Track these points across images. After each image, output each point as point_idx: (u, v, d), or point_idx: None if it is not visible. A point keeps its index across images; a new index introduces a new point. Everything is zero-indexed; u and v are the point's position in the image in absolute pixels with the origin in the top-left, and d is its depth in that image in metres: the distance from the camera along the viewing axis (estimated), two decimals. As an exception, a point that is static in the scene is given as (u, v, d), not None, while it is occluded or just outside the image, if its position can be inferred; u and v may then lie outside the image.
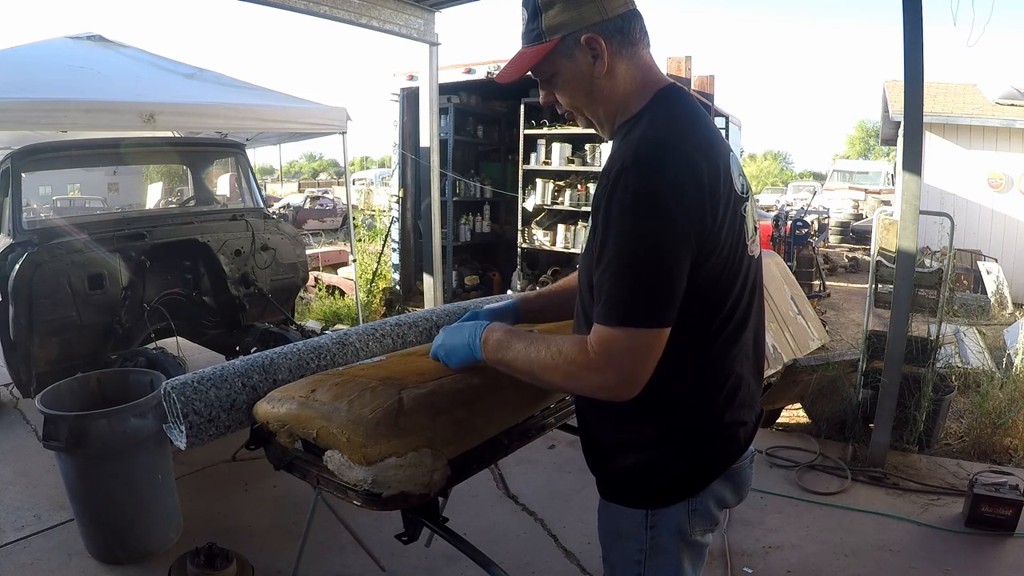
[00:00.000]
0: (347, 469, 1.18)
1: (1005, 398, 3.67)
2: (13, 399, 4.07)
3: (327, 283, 7.09)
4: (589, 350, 1.02)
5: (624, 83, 1.12)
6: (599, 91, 1.12)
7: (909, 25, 2.98)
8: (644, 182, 0.98)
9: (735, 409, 1.18)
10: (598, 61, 1.10)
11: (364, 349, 1.72)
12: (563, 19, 1.09)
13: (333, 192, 22.34)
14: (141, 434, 2.45)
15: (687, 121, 1.09)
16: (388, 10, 4.66)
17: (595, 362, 1.01)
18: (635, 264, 0.99)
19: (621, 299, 0.99)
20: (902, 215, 3.21)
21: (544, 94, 1.20)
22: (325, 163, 56.06)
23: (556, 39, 1.10)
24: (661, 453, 1.15)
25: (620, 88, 1.13)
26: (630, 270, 0.99)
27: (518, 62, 1.15)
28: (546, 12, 1.10)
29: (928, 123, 7.73)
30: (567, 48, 1.10)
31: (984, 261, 8.10)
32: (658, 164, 1.00)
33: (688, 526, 1.18)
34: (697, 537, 1.20)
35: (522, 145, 6.36)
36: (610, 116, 1.15)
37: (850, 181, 18.01)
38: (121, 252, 3.52)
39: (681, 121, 1.09)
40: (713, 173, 1.03)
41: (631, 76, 1.13)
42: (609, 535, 1.25)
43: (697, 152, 1.03)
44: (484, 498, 3.00)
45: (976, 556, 2.61)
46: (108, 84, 4.00)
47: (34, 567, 2.49)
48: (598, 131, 1.20)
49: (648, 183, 0.98)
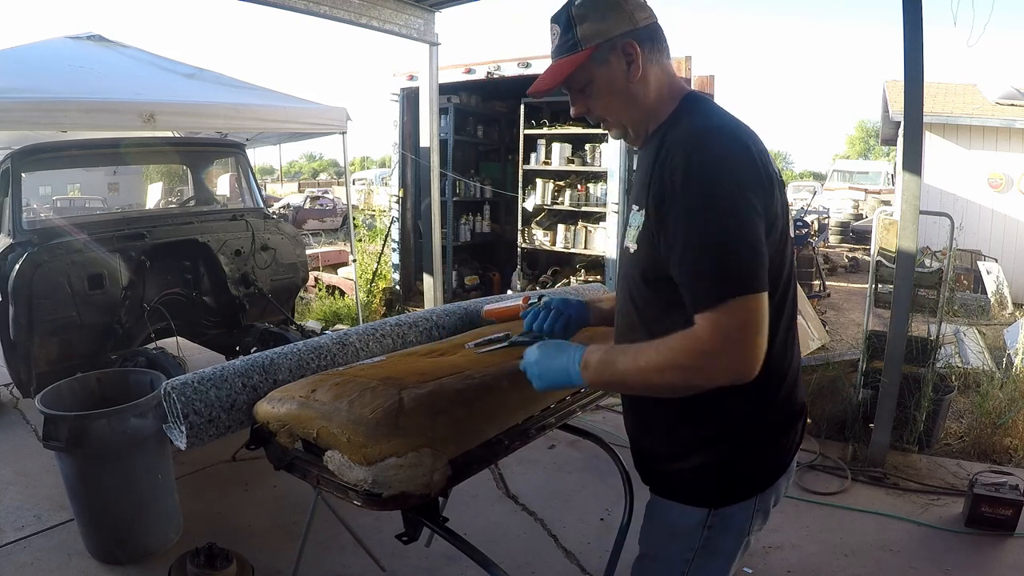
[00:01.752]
0: (347, 469, 1.19)
1: (1005, 398, 3.67)
2: (13, 399, 4.07)
3: (327, 283, 7.08)
4: (703, 336, 0.99)
5: (655, 89, 1.16)
6: (633, 97, 1.16)
7: (909, 25, 2.98)
8: (714, 163, 1.02)
9: (799, 394, 1.19)
10: (632, 66, 1.14)
11: (364, 349, 1.72)
12: (597, 28, 1.13)
13: (333, 192, 22.33)
14: (141, 434, 2.45)
15: (725, 114, 1.15)
16: (388, 10, 4.65)
17: (714, 345, 0.98)
18: (723, 237, 1.00)
19: (718, 274, 0.99)
20: (902, 215, 3.21)
21: (578, 105, 1.21)
22: (325, 163, 56.07)
23: (592, 47, 1.14)
24: (734, 447, 1.14)
25: (652, 93, 1.16)
26: (719, 244, 1.00)
27: (555, 72, 1.17)
28: (580, 24, 1.14)
29: (928, 123, 7.72)
30: (602, 55, 1.14)
31: (984, 261, 8.09)
32: (721, 146, 1.05)
33: (750, 524, 1.17)
34: (752, 536, 1.20)
35: (522, 145, 6.35)
36: (644, 121, 1.18)
37: (850, 181, 18.00)
38: (121, 252, 3.52)
39: (721, 114, 1.14)
40: (763, 154, 1.08)
41: (660, 82, 1.17)
42: (659, 534, 1.23)
43: (746, 136, 1.09)
44: (484, 498, 3.00)
45: (976, 556, 2.61)
46: (108, 84, 3.99)
47: (34, 567, 2.49)
48: (628, 139, 1.23)
49: (717, 163, 1.02)
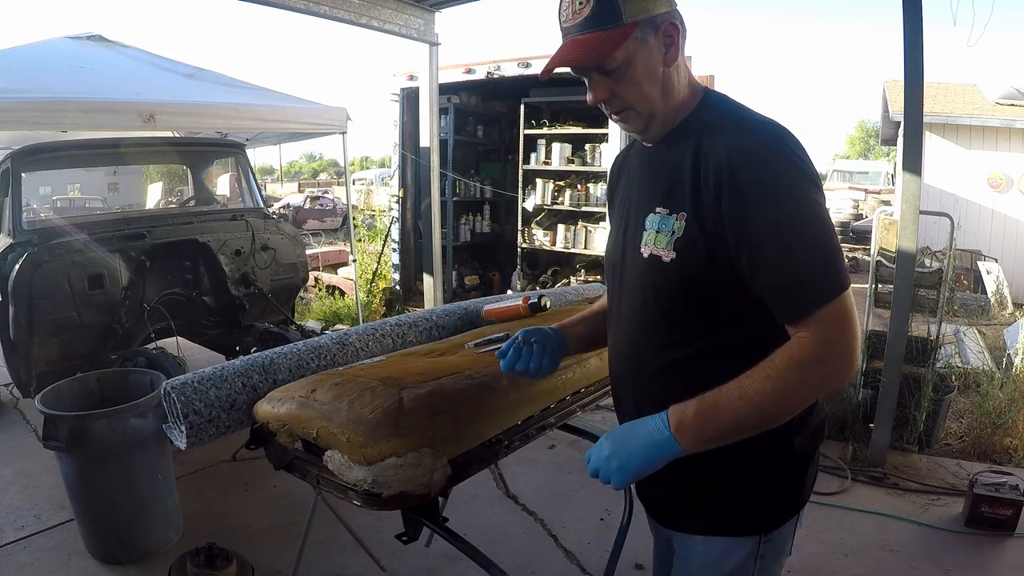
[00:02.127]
0: (347, 469, 1.18)
1: (1005, 398, 3.67)
2: (13, 399, 4.07)
3: (327, 283, 7.08)
4: (822, 341, 0.92)
5: (684, 77, 1.07)
6: (669, 84, 1.04)
7: (909, 25, 2.97)
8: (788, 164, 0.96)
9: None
10: (671, 50, 1.03)
11: (364, 349, 1.72)
12: (642, 3, 1.00)
13: (333, 192, 22.33)
14: (141, 434, 2.45)
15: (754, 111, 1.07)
16: (388, 10, 4.65)
17: (834, 349, 0.92)
18: (820, 240, 0.94)
19: (823, 277, 0.93)
20: (902, 215, 3.20)
21: (600, 89, 1.05)
22: (325, 163, 56.07)
23: (636, 21, 1.00)
24: (779, 462, 1.06)
25: (683, 82, 1.07)
26: (819, 248, 0.94)
27: (592, 46, 1.00)
28: None
29: (928, 123, 7.72)
30: (644, 33, 1.01)
31: (984, 261, 8.09)
32: (783, 144, 0.98)
33: (792, 541, 1.10)
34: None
35: (522, 145, 6.35)
36: (671, 111, 1.07)
37: (850, 181, 18.00)
38: (121, 252, 3.52)
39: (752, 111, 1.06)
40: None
41: (686, 71, 1.08)
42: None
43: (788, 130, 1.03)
44: (484, 498, 3.00)
45: (976, 556, 2.61)
46: (108, 84, 4.00)
47: (34, 567, 2.49)
48: (647, 132, 1.10)
49: (790, 164, 0.96)
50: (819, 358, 0.92)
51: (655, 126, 1.08)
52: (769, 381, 0.93)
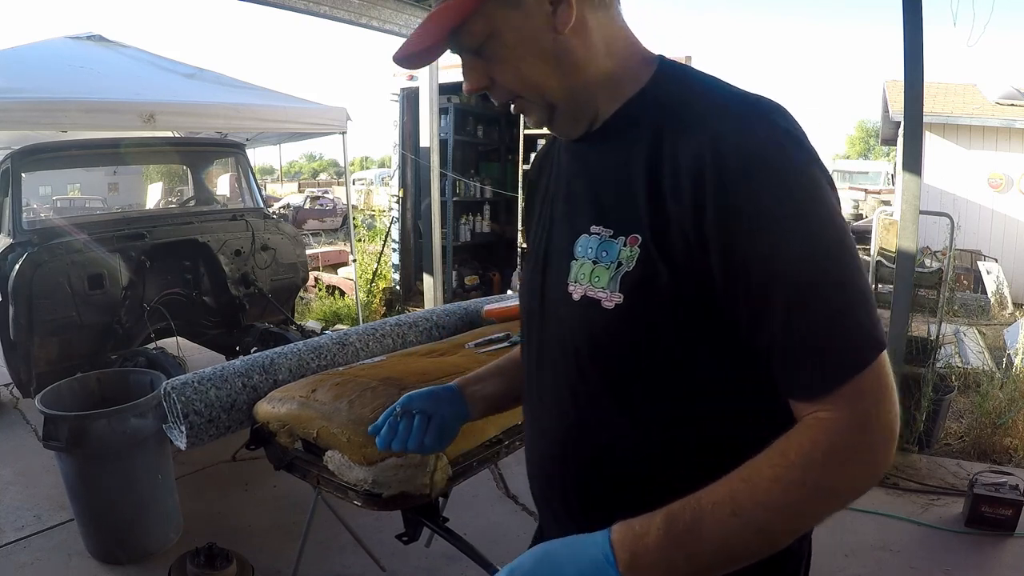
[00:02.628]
0: (347, 469, 1.19)
1: (1005, 398, 3.67)
2: (13, 399, 4.07)
3: (327, 283, 7.09)
4: (852, 425, 0.65)
5: (603, 45, 0.76)
6: (566, 54, 0.74)
7: (909, 25, 2.97)
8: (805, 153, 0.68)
9: None
10: (560, 7, 0.72)
11: (364, 349, 1.73)
12: None
13: (333, 192, 22.33)
14: (141, 434, 2.45)
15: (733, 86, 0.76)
16: (388, 10, 4.65)
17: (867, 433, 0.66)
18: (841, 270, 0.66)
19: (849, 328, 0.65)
20: (902, 215, 3.21)
21: (474, 74, 0.79)
22: (325, 163, 56.09)
23: None
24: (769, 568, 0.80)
25: (598, 50, 0.75)
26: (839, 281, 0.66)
27: (431, 25, 0.74)
28: None
29: (928, 123, 7.71)
30: None
31: (984, 261, 8.10)
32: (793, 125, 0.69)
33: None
34: None
35: (522, 145, 6.35)
36: (585, 93, 0.77)
37: (850, 181, 18.03)
38: (121, 252, 3.52)
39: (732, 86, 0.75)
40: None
41: (612, 36, 0.77)
42: None
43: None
44: (484, 498, 3.00)
45: (976, 556, 2.61)
46: (108, 84, 4.00)
47: (34, 567, 2.49)
48: (557, 124, 0.80)
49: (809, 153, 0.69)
50: (852, 448, 0.65)
51: (563, 116, 0.79)
52: (779, 485, 0.63)
